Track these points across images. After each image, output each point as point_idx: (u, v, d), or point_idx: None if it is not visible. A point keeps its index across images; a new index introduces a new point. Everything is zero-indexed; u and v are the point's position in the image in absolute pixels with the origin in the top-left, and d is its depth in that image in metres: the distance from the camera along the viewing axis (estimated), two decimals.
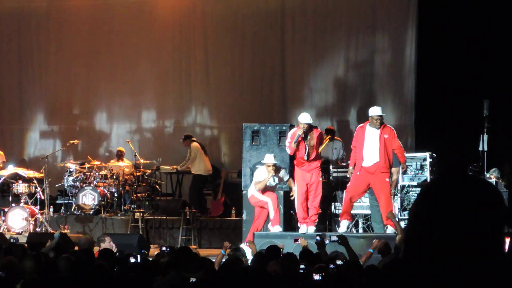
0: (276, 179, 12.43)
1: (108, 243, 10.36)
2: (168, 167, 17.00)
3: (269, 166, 12.29)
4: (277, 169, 12.39)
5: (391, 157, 12.17)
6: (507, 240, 5.09)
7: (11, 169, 16.16)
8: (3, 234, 13.45)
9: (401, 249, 9.38)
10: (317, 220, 12.50)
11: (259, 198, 12.45)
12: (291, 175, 12.66)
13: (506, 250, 4.82)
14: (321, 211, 12.57)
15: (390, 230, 12.02)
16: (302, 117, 12.31)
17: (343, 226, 12.34)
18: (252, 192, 12.54)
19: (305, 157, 12.22)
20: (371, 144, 12.10)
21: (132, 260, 7.89)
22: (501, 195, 2.00)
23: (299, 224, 12.44)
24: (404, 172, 13.12)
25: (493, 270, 1.92)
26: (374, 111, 12.24)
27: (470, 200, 1.95)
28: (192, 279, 6.35)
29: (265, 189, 12.46)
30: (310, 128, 12.32)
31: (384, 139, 12.05)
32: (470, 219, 1.93)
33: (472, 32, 16.33)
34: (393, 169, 12.96)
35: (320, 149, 12.50)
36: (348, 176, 12.80)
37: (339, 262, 8.01)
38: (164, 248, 9.28)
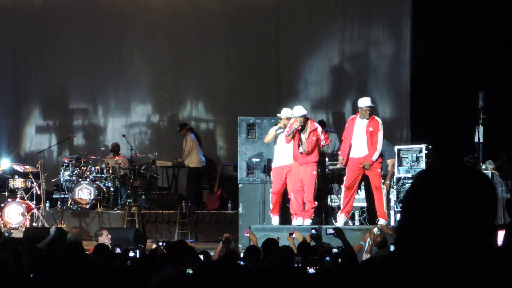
0: (281, 130, 12.40)
1: (105, 236, 10.36)
2: (165, 161, 17.01)
3: (281, 118, 12.38)
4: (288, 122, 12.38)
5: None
6: (502, 233, 5.08)
7: (7, 164, 16.14)
8: None
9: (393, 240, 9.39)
10: (313, 214, 12.46)
11: (271, 178, 12.61)
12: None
13: (501, 243, 4.81)
14: (317, 205, 12.50)
15: (382, 221, 12.05)
16: (296, 111, 12.24)
17: (340, 220, 12.30)
18: (273, 166, 12.63)
19: (300, 150, 12.18)
20: (359, 136, 12.09)
21: (131, 254, 7.92)
22: (493, 185, 1.99)
23: (295, 217, 12.38)
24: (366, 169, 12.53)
25: (483, 261, 1.91)
26: (363, 102, 12.18)
27: (460, 191, 1.93)
28: (189, 271, 6.36)
29: (280, 178, 12.46)
30: (306, 119, 12.27)
31: (369, 132, 12.03)
32: (460, 209, 1.91)
33: (467, 24, 16.32)
34: (389, 161, 12.94)
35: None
36: (338, 166, 12.81)
37: (335, 250, 8.00)
38: (160, 243, 9.27)
